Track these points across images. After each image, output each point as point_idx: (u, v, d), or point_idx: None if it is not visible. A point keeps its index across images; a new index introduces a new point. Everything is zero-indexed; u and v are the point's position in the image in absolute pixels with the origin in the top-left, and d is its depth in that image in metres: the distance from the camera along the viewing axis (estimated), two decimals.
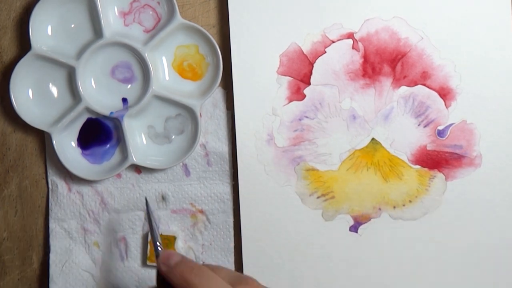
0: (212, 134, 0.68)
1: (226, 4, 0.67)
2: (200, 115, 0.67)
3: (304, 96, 0.67)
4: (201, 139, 0.68)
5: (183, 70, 0.68)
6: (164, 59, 0.67)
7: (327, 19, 0.67)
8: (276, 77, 0.67)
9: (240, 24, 0.67)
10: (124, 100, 0.67)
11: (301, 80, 0.67)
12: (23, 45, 0.68)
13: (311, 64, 0.67)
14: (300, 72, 0.67)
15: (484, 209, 0.67)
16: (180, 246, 0.68)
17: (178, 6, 0.65)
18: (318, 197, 0.67)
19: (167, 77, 0.68)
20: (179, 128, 0.68)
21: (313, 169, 0.67)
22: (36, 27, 0.66)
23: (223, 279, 0.52)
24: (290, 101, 0.67)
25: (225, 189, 0.68)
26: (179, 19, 0.65)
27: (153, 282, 0.68)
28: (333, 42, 0.67)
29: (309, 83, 0.67)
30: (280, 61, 0.67)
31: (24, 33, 0.68)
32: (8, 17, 0.68)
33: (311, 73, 0.67)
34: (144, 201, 0.68)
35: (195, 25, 0.66)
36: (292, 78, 0.67)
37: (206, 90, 0.67)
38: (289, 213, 0.67)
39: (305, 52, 0.67)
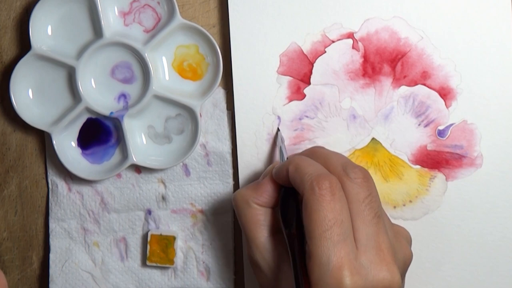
0: (212, 134, 0.68)
1: (226, 4, 0.67)
2: (200, 115, 0.67)
3: (304, 95, 0.67)
4: (201, 139, 0.68)
5: (183, 70, 0.67)
6: (164, 59, 0.67)
7: (327, 19, 0.67)
8: (276, 77, 0.67)
9: (240, 24, 0.67)
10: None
11: (301, 80, 0.67)
12: (23, 45, 0.68)
13: (311, 64, 0.67)
14: (300, 71, 0.67)
15: (485, 210, 0.67)
16: (180, 246, 0.68)
17: (178, 6, 0.65)
18: None
19: (167, 77, 0.68)
20: (179, 128, 0.68)
21: None
22: (36, 27, 0.66)
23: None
24: (290, 100, 0.67)
25: (225, 189, 0.68)
26: (179, 19, 0.65)
27: (153, 282, 0.68)
28: (333, 42, 0.67)
29: (309, 83, 0.67)
30: (280, 61, 0.67)
31: (24, 33, 0.68)
32: (8, 17, 0.68)
33: (311, 72, 0.67)
34: None
35: (195, 25, 0.66)
36: (292, 78, 0.67)
37: (206, 90, 0.67)
38: None
39: (305, 52, 0.67)
